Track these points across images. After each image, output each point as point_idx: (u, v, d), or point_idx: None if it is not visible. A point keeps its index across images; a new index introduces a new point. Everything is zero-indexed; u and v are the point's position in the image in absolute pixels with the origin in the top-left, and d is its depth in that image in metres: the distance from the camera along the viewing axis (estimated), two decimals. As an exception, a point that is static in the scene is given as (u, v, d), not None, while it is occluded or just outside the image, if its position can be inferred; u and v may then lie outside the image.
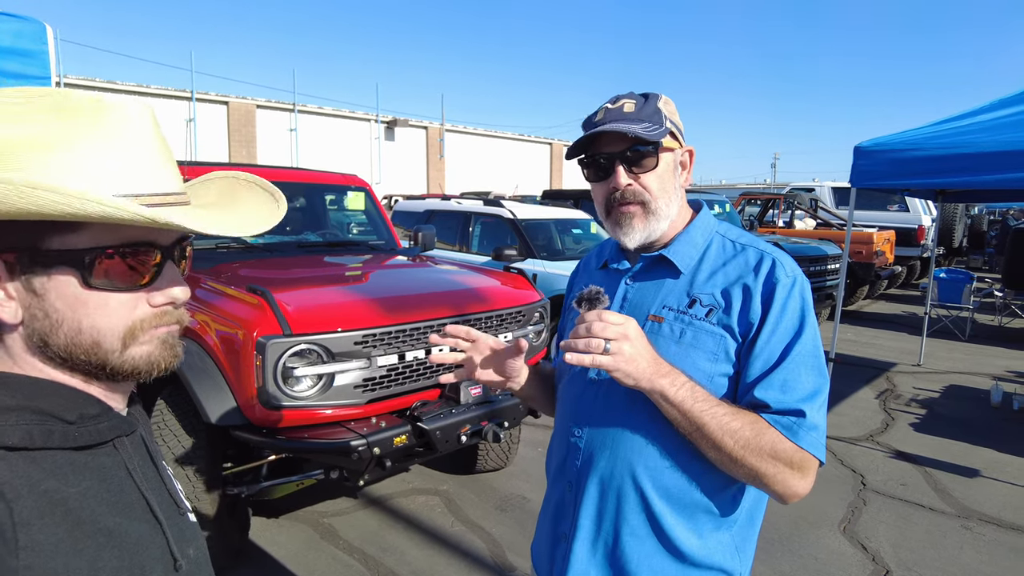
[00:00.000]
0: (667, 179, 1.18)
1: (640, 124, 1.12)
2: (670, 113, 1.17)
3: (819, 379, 1.08)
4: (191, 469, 2.75)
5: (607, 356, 0.99)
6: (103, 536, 0.65)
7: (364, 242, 4.76)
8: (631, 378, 1.02)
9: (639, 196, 1.16)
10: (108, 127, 0.64)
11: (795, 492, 1.05)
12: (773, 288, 1.10)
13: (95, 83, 22.20)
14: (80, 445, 0.66)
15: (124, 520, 0.67)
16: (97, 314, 0.67)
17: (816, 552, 3.37)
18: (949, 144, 4.63)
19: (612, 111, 1.15)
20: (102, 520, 0.65)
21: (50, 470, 0.63)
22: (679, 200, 1.21)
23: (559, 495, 1.26)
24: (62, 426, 0.65)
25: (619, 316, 1.02)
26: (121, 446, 0.72)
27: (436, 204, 8.32)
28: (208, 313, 2.89)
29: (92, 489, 0.66)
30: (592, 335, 1.00)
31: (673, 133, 1.17)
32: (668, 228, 1.20)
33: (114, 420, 0.71)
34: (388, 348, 2.90)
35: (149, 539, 0.70)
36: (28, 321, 0.66)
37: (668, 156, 1.18)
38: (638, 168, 1.15)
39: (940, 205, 7.96)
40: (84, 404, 0.69)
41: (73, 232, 0.64)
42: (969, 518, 3.78)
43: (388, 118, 29.97)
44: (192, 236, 0.75)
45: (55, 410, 0.65)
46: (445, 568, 3.16)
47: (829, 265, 8.90)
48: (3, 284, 0.64)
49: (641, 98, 1.17)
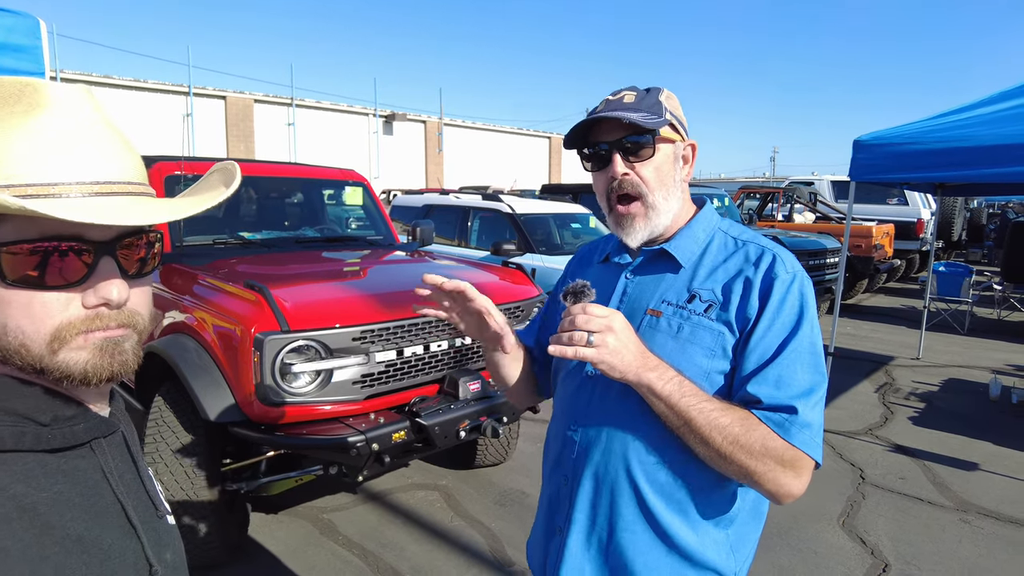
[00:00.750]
0: (666, 171, 1.17)
1: (638, 113, 1.11)
2: (672, 107, 1.17)
3: (815, 376, 1.06)
4: (190, 465, 2.75)
5: (590, 348, 0.99)
6: (71, 543, 0.62)
7: (362, 237, 4.75)
8: (616, 371, 1.01)
9: (636, 188, 1.15)
10: (23, 112, 0.61)
11: (788, 492, 1.04)
12: (772, 283, 1.09)
13: (92, 78, 22.13)
14: (54, 447, 0.64)
15: (95, 526, 0.66)
16: (20, 314, 0.62)
17: (815, 546, 3.38)
18: (949, 138, 4.61)
19: (612, 102, 1.15)
20: (72, 526, 0.63)
21: (20, 474, 0.61)
22: (680, 194, 1.20)
23: (554, 489, 1.26)
24: (35, 427, 0.63)
25: (603, 309, 1.02)
26: (99, 448, 0.70)
27: (435, 199, 8.30)
28: (205, 309, 2.88)
29: (63, 494, 0.64)
30: (576, 328, 1.00)
31: (674, 126, 1.17)
32: (670, 222, 1.19)
33: (91, 421, 0.69)
34: (386, 344, 2.90)
35: (122, 545, 0.68)
36: None
37: (667, 148, 1.17)
38: (635, 157, 1.14)
39: (939, 199, 7.95)
40: (59, 405, 0.66)
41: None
42: (968, 511, 3.78)
43: (386, 112, 29.91)
44: (155, 231, 0.72)
45: (28, 411, 0.63)
46: (444, 563, 3.16)
47: (828, 259, 8.90)
48: None
49: (643, 91, 1.17)
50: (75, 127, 0.64)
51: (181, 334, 2.91)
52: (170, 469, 2.72)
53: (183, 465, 2.74)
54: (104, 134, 0.66)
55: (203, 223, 4.08)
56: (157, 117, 23.45)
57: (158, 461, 2.73)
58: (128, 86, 23.23)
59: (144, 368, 3.30)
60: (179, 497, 2.71)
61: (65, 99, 0.64)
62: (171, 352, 2.80)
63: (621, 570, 1.15)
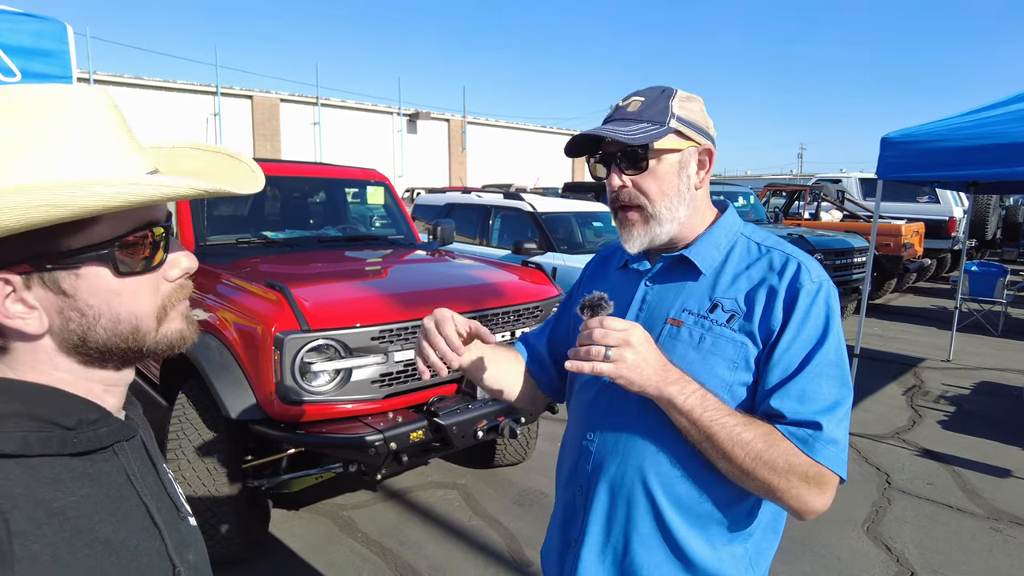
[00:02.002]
0: (668, 181, 1.13)
1: (634, 125, 1.09)
2: (687, 112, 1.13)
3: (841, 390, 1.03)
4: (212, 462, 2.79)
5: (608, 363, 0.98)
6: (101, 545, 0.63)
7: (383, 236, 4.78)
8: (635, 385, 1.00)
9: (635, 200, 1.13)
10: (78, 116, 0.64)
11: (811, 508, 1.02)
12: (797, 293, 1.06)
13: (123, 79, 22.61)
14: (79, 451, 0.65)
15: (123, 528, 0.67)
16: (133, 301, 0.68)
17: (839, 552, 3.32)
18: (981, 134, 4.48)
19: (619, 109, 1.14)
20: (100, 529, 0.64)
21: (48, 478, 0.61)
22: (689, 201, 1.16)
23: (569, 499, 1.24)
24: (60, 432, 0.64)
25: (622, 322, 1.00)
26: (121, 451, 0.71)
27: (457, 197, 8.32)
28: (227, 308, 2.92)
29: (91, 497, 0.65)
30: (593, 342, 0.98)
31: (681, 132, 1.12)
32: (682, 230, 1.16)
33: (113, 425, 0.71)
34: (405, 343, 2.91)
35: (148, 546, 0.69)
36: (61, 325, 0.65)
37: (672, 157, 1.13)
38: (632, 170, 1.12)
39: (972, 196, 7.75)
40: (83, 410, 0.68)
41: (92, 226, 0.64)
42: (999, 520, 3.68)
43: (410, 111, 30.07)
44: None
45: (53, 416, 0.64)
46: (462, 563, 3.17)
47: (856, 258, 8.72)
48: (21, 297, 0.63)
49: (656, 95, 1.14)
50: (121, 122, 0.68)
51: (204, 333, 2.95)
52: (192, 466, 2.77)
53: (205, 462, 2.78)
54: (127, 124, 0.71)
55: (226, 223, 4.14)
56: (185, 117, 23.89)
57: (181, 457, 2.77)
58: (157, 87, 23.67)
59: (168, 366, 3.36)
60: (201, 493, 2.76)
61: (102, 98, 0.68)
62: (194, 350, 2.84)
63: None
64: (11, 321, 0.63)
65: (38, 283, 0.63)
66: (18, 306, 0.63)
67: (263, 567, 3.09)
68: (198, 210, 3.83)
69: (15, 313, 0.63)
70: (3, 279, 0.62)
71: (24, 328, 0.64)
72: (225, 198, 3.14)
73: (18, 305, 0.63)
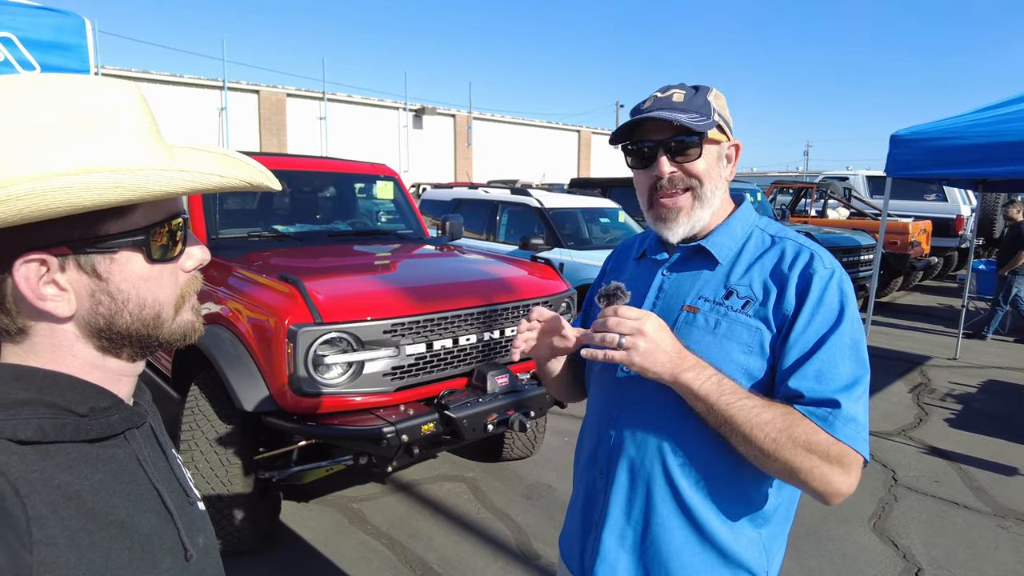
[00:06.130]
0: (714, 169, 1.18)
1: (687, 114, 1.11)
2: (719, 107, 1.17)
3: (858, 368, 1.05)
4: (224, 453, 2.82)
5: (621, 351, 1.00)
6: (116, 528, 0.65)
7: (393, 231, 4.79)
8: (649, 372, 1.02)
9: (686, 182, 1.16)
10: (124, 105, 0.66)
11: (837, 490, 1.01)
12: (810, 279, 1.08)
13: (131, 73, 22.61)
14: (92, 438, 0.67)
15: (136, 512, 0.68)
16: (159, 288, 0.71)
17: (845, 548, 3.33)
18: (991, 132, 4.48)
19: (661, 99, 1.15)
20: (115, 512, 0.65)
21: (64, 463, 0.63)
22: (723, 191, 1.21)
23: (589, 483, 1.26)
24: (74, 419, 0.65)
25: (636, 311, 1.03)
26: (132, 438, 0.73)
27: (464, 193, 8.33)
28: (240, 301, 2.94)
29: (105, 482, 0.66)
30: (607, 330, 1.01)
31: (720, 126, 1.17)
32: (710, 219, 1.20)
33: (125, 412, 0.72)
34: (416, 337, 2.93)
35: (160, 530, 0.71)
36: (91, 308, 0.67)
37: (713, 148, 1.17)
38: (682, 157, 1.14)
39: (980, 195, 7.73)
40: (96, 397, 0.69)
41: (130, 212, 0.66)
42: (1006, 517, 3.69)
43: (416, 106, 30.02)
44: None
45: (67, 403, 0.66)
46: (471, 555, 3.20)
47: (862, 256, 8.72)
48: (55, 279, 0.64)
49: (692, 89, 1.17)
50: (149, 112, 0.70)
51: (217, 325, 2.97)
52: (205, 457, 2.80)
53: (218, 453, 2.81)
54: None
55: (237, 216, 4.17)
56: (193, 111, 23.89)
57: (194, 449, 2.80)
58: (165, 81, 23.69)
59: (180, 357, 3.39)
60: (214, 484, 2.79)
61: (133, 89, 0.70)
62: (207, 342, 2.87)
63: (656, 565, 1.15)
64: (43, 303, 0.64)
65: (73, 265, 0.65)
66: (50, 288, 0.64)
67: (273, 558, 3.12)
68: (210, 204, 3.85)
69: (48, 295, 0.64)
70: (40, 259, 0.63)
71: (55, 311, 0.65)
72: (234, 193, 3.17)
73: (50, 287, 0.64)
